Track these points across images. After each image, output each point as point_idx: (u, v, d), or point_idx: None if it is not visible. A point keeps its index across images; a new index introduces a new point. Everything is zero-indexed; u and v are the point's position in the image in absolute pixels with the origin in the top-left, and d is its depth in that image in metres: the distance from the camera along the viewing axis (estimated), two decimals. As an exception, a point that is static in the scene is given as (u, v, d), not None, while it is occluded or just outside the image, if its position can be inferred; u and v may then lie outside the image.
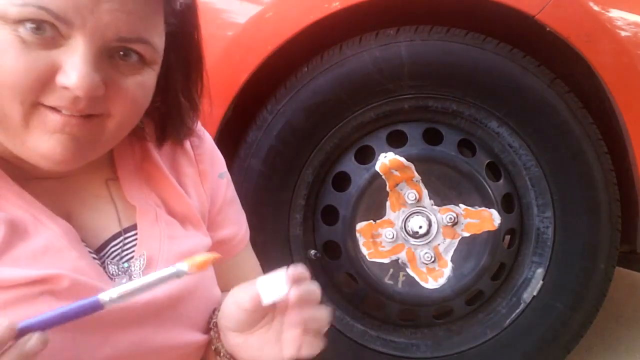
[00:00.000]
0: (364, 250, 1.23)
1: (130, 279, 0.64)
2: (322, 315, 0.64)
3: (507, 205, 1.25)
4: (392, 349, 1.27)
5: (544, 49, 1.19)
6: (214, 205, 0.78)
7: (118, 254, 0.66)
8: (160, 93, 0.67)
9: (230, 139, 1.23)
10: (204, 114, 1.20)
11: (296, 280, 0.61)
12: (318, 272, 1.27)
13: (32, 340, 0.47)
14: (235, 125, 1.23)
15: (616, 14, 1.14)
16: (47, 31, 0.54)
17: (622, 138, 1.18)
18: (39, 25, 0.53)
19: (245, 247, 0.85)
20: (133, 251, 0.66)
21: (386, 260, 1.24)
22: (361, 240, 1.23)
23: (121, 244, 0.66)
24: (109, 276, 0.64)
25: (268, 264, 1.21)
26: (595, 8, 1.13)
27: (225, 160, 1.26)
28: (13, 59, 0.53)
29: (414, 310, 1.28)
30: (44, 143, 0.57)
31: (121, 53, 0.58)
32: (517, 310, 1.25)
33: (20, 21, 0.53)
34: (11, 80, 0.53)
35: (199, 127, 0.79)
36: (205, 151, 0.78)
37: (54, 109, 0.56)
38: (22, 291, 0.55)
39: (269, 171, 1.19)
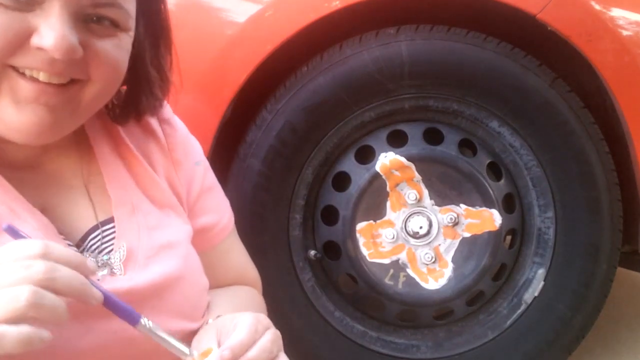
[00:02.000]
0: (364, 251, 1.23)
1: (110, 270, 0.64)
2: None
3: (508, 205, 1.24)
4: (393, 349, 1.26)
5: (545, 49, 1.19)
6: (190, 193, 0.78)
7: (97, 247, 0.66)
8: (130, 62, 0.66)
9: (229, 139, 1.22)
10: (203, 114, 1.21)
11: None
12: (318, 272, 1.27)
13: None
14: (235, 125, 1.22)
15: (618, 13, 1.13)
16: None
17: (624, 138, 1.18)
18: None
19: (229, 234, 0.84)
20: (112, 244, 0.66)
21: (386, 261, 1.23)
22: (361, 241, 1.22)
23: (100, 236, 0.66)
24: None
25: (268, 265, 1.22)
26: (597, 7, 1.13)
27: (225, 160, 1.26)
28: None
29: (414, 311, 1.27)
30: (17, 113, 0.56)
31: (94, 18, 0.58)
32: (518, 311, 1.25)
33: None
34: None
35: (171, 115, 0.79)
36: (178, 139, 0.78)
37: (28, 77, 0.55)
38: None
39: (269, 171, 1.19)
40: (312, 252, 1.24)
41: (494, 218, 1.21)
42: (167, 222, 0.71)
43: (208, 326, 0.68)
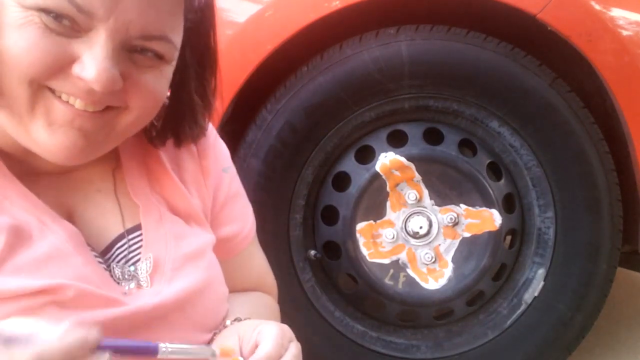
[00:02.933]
0: (364, 251, 1.23)
1: (137, 283, 0.63)
2: None
3: (508, 205, 1.24)
4: (393, 350, 1.26)
5: (545, 49, 1.19)
6: (216, 201, 0.76)
7: (124, 257, 0.64)
8: (173, 90, 0.65)
9: (230, 139, 1.22)
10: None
11: None
12: (318, 272, 1.27)
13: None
14: (235, 125, 1.22)
15: (617, 13, 1.13)
16: (66, 21, 0.52)
17: (624, 138, 1.18)
18: (59, 15, 0.51)
19: (251, 242, 0.83)
20: (139, 253, 0.64)
21: (386, 261, 1.23)
22: (361, 241, 1.22)
23: (126, 245, 0.65)
24: (115, 280, 0.62)
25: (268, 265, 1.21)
26: (597, 7, 1.13)
27: (225, 160, 1.24)
28: (32, 39, 0.51)
29: (414, 311, 1.27)
30: (49, 135, 0.55)
31: (139, 49, 0.56)
32: (518, 311, 1.25)
33: (39, 9, 0.51)
34: (27, 60, 0.51)
35: None
36: (209, 146, 0.76)
37: (64, 101, 0.54)
38: (26, 302, 0.53)
39: (269, 171, 1.19)
40: (312, 252, 1.24)
41: (494, 218, 1.21)
42: (192, 232, 0.69)
43: (228, 330, 0.66)
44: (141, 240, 0.65)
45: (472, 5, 1.17)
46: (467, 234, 1.22)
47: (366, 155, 1.23)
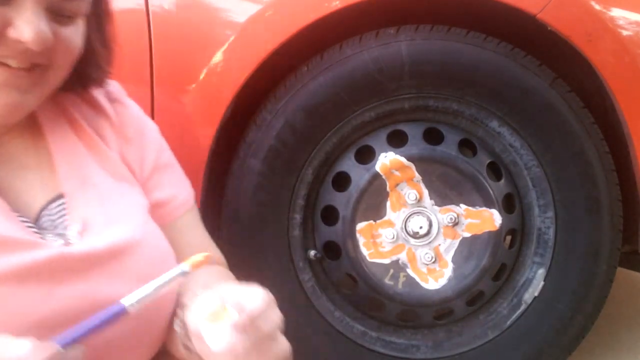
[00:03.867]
0: (364, 251, 1.23)
1: (66, 241, 0.65)
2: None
3: (508, 205, 1.24)
4: (393, 349, 1.26)
5: (545, 49, 1.19)
6: (143, 169, 0.79)
7: (51, 223, 0.66)
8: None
9: (230, 139, 1.22)
10: (203, 113, 1.21)
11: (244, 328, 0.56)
12: (318, 272, 1.27)
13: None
14: (235, 125, 1.22)
15: (618, 13, 1.13)
16: None
17: (624, 138, 1.18)
18: None
19: (186, 213, 0.84)
20: (66, 220, 0.67)
21: (386, 261, 1.23)
22: (361, 241, 1.22)
23: (53, 212, 0.67)
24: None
25: (268, 265, 1.22)
26: (597, 7, 1.13)
27: (225, 160, 1.26)
28: None
29: (414, 311, 1.27)
30: None
31: (61, 7, 0.62)
32: (518, 311, 1.25)
33: None
34: None
35: (124, 95, 0.82)
36: (130, 118, 0.80)
37: (1, 63, 0.59)
38: None
39: (269, 171, 1.19)
40: (312, 252, 1.24)
41: (494, 218, 1.21)
42: (122, 192, 0.72)
43: (209, 294, 0.62)
44: (66, 207, 0.67)
45: (472, 5, 1.17)
46: (467, 234, 1.22)
47: (366, 155, 1.23)
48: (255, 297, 0.59)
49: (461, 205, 1.22)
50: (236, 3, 1.18)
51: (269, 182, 1.19)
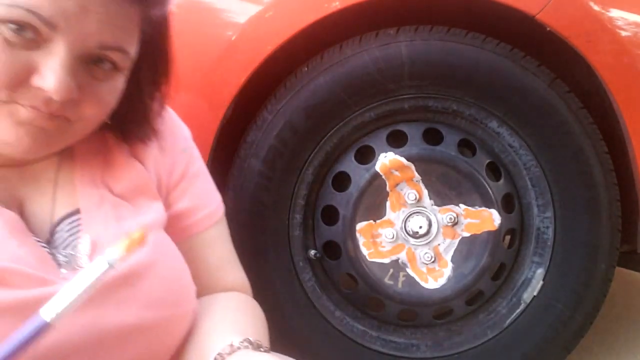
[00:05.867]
0: (364, 251, 1.23)
1: (74, 265, 0.63)
2: None
3: (507, 205, 1.25)
4: (392, 349, 1.27)
5: (544, 49, 1.19)
6: (171, 178, 0.77)
7: (64, 240, 0.65)
8: (129, 94, 0.68)
9: (230, 139, 1.22)
10: (203, 114, 1.21)
11: None
12: (318, 272, 1.27)
13: None
14: (235, 125, 1.23)
15: (616, 14, 1.14)
16: (29, 33, 0.54)
17: (623, 138, 1.18)
18: (22, 26, 0.54)
19: (212, 227, 0.81)
20: (79, 237, 0.65)
21: (386, 261, 1.24)
22: (361, 241, 1.23)
23: (66, 229, 0.66)
24: (57, 264, 0.63)
25: (268, 265, 1.22)
26: (596, 8, 1.13)
27: (225, 160, 1.26)
28: None
29: (414, 311, 1.28)
30: (11, 132, 0.58)
31: (96, 59, 0.59)
32: (518, 311, 1.25)
33: (3, 21, 0.53)
34: None
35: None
36: (166, 128, 0.79)
37: (25, 106, 0.57)
38: None
39: (269, 171, 1.19)
40: (312, 252, 1.25)
41: (493, 218, 1.21)
42: (136, 212, 0.70)
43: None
44: (80, 223, 0.66)
45: (472, 6, 1.17)
46: (466, 234, 1.23)
47: (366, 156, 1.23)
48: None
49: (460, 205, 1.22)
50: (236, 3, 1.18)
51: (269, 182, 1.20)
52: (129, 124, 0.72)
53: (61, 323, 0.54)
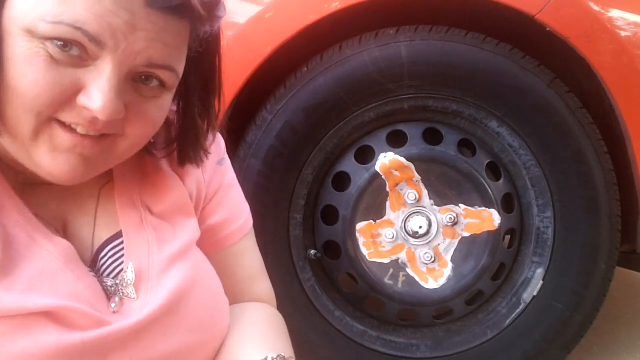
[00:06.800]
0: (364, 250, 1.23)
1: (124, 295, 0.62)
2: None
3: (507, 205, 1.25)
4: (392, 349, 1.27)
5: (544, 49, 1.19)
6: (209, 191, 0.77)
7: (109, 266, 0.64)
8: (179, 115, 0.67)
9: (230, 139, 1.23)
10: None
11: None
12: (318, 272, 1.27)
13: None
14: (236, 125, 1.23)
15: (616, 14, 1.14)
16: (75, 50, 0.53)
17: (622, 138, 1.18)
18: (68, 43, 0.52)
19: (244, 239, 0.82)
20: (122, 262, 0.64)
21: (386, 261, 1.24)
22: (361, 240, 1.23)
23: (110, 254, 0.65)
24: (105, 292, 0.62)
25: (268, 265, 1.21)
26: (595, 8, 1.13)
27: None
28: (39, 72, 0.52)
29: (414, 311, 1.28)
30: (52, 160, 0.56)
31: (144, 77, 0.58)
32: (517, 311, 1.25)
33: (50, 38, 0.52)
34: (34, 93, 0.52)
35: None
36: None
37: (67, 127, 0.55)
38: (20, 321, 0.53)
39: (269, 171, 1.19)
40: (312, 252, 1.25)
41: (493, 218, 1.21)
42: (175, 232, 0.69)
43: None
44: (123, 248, 0.65)
45: (472, 6, 1.17)
46: (466, 234, 1.23)
47: (366, 156, 1.23)
48: None
49: (460, 205, 1.22)
50: (236, 4, 1.18)
51: (269, 182, 1.20)
52: (181, 147, 0.70)
53: (111, 356, 0.56)
